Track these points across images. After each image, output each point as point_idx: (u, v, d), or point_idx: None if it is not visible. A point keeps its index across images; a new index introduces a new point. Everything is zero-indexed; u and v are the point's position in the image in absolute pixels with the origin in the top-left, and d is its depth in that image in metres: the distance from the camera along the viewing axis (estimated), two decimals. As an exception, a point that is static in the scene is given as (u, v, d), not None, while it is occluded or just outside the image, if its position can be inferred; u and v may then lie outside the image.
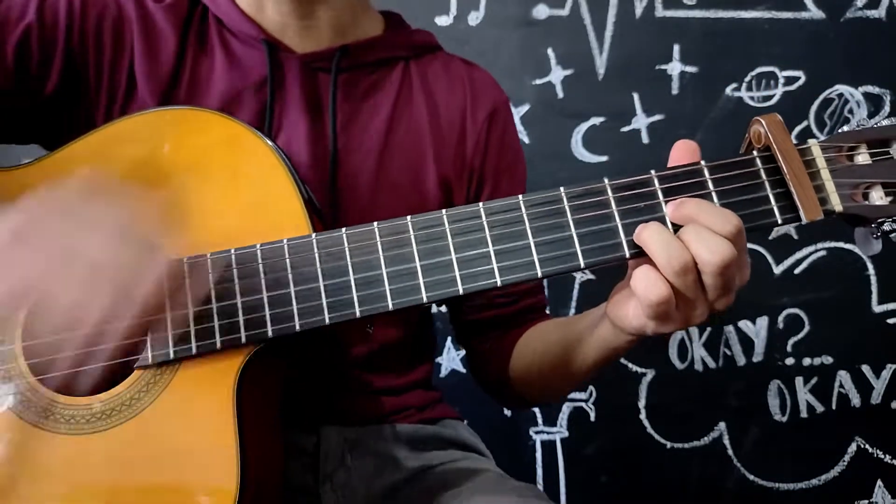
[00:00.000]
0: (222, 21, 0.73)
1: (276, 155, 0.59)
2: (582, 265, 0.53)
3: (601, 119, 1.37)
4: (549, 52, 1.37)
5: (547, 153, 1.37)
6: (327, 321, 0.53)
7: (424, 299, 0.53)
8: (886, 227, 0.54)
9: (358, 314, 0.53)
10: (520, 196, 0.54)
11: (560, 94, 1.37)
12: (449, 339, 1.38)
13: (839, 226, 0.57)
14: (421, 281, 0.53)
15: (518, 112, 1.37)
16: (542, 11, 1.37)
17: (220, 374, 0.54)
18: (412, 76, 0.78)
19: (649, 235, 0.51)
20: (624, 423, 1.37)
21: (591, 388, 1.37)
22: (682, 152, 0.55)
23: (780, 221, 0.53)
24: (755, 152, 0.55)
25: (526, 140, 1.37)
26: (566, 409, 1.38)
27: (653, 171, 0.54)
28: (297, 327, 0.54)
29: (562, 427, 1.37)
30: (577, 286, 1.37)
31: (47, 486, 0.53)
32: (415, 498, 0.70)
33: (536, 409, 1.38)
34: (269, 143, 0.60)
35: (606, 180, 0.54)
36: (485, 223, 0.54)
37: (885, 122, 0.55)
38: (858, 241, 0.56)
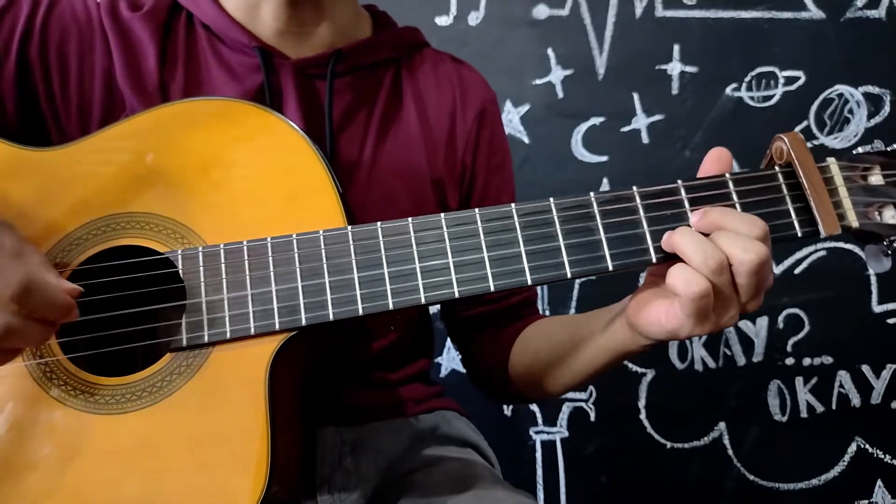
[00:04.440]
0: (210, 28, 0.72)
1: (312, 148, 0.60)
2: (610, 268, 0.55)
3: (601, 119, 1.37)
4: (549, 52, 1.37)
5: (547, 153, 1.37)
6: (361, 312, 0.55)
7: (456, 294, 0.55)
8: None
9: (391, 306, 0.55)
10: (551, 199, 0.56)
11: (560, 94, 1.37)
12: (449, 338, 1.38)
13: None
14: (453, 277, 0.55)
15: (518, 112, 1.37)
16: (542, 11, 1.37)
17: (253, 360, 0.55)
18: (402, 78, 0.78)
19: (681, 238, 0.52)
20: (624, 423, 1.37)
21: (591, 388, 1.37)
22: (715, 160, 0.57)
23: (799, 234, 0.56)
24: (777, 168, 0.57)
25: (526, 140, 1.37)
26: (566, 409, 1.38)
27: (679, 181, 0.56)
28: (331, 316, 0.55)
29: (562, 427, 1.37)
30: (576, 286, 1.37)
31: (78, 465, 0.53)
32: (411, 499, 0.69)
33: (536, 409, 1.38)
34: (305, 136, 0.60)
35: (635, 188, 0.56)
36: (517, 224, 0.56)
37: None
38: (868, 259, 0.58)
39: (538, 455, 1.37)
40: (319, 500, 0.69)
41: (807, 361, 1.37)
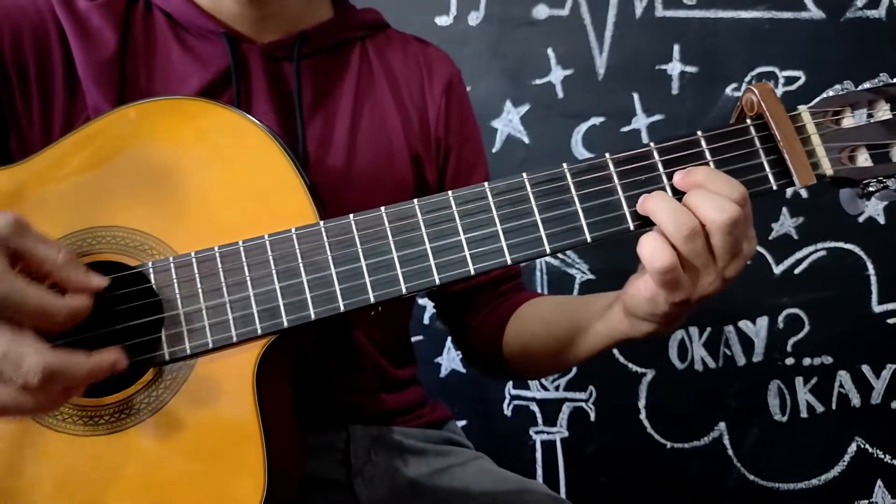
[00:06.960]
0: (172, 16, 0.71)
1: (275, 142, 0.58)
2: (588, 239, 0.55)
3: (601, 119, 1.37)
4: (549, 52, 1.37)
5: (547, 153, 1.37)
6: (342, 308, 0.54)
7: (437, 281, 0.54)
8: (871, 187, 0.56)
9: (372, 299, 0.54)
10: (524, 175, 0.56)
11: (560, 94, 1.37)
12: (449, 339, 1.38)
13: (839, 226, 0.57)
14: (432, 263, 0.54)
15: (518, 112, 1.37)
16: (542, 11, 1.37)
17: (238, 368, 0.54)
18: (370, 55, 0.79)
19: (655, 203, 0.52)
20: (624, 423, 1.37)
21: (591, 388, 1.37)
22: None
23: (774, 187, 0.55)
24: (748, 120, 0.56)
25: (526, 140, 1.37)
26: (566, 409, 1.38)
27: (651, 144, 0.56)
28: (313, 315, 0.54)
29: (562, 427, 1.37)
30: (576, 286, 1.37)
31: (83, 487, 0.53)
32: (438, 491, 0.74)
33: (536, 409, 1.38)
34: (267, 129, 0.58)
35: (608, 155, 0.56)
36: (491, 204, 0.55)
37: (867, 85, 0.58)
38: (844, 203, 0.58)
39: (538, 455, 1.37)
40: (354, 485, 0.73)
41: (807, 361, 1.37)
